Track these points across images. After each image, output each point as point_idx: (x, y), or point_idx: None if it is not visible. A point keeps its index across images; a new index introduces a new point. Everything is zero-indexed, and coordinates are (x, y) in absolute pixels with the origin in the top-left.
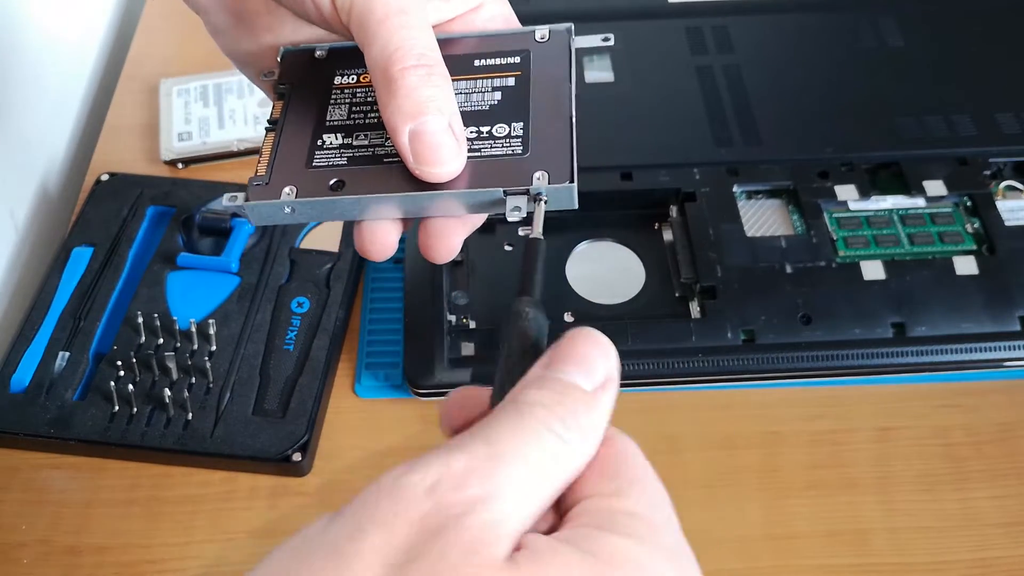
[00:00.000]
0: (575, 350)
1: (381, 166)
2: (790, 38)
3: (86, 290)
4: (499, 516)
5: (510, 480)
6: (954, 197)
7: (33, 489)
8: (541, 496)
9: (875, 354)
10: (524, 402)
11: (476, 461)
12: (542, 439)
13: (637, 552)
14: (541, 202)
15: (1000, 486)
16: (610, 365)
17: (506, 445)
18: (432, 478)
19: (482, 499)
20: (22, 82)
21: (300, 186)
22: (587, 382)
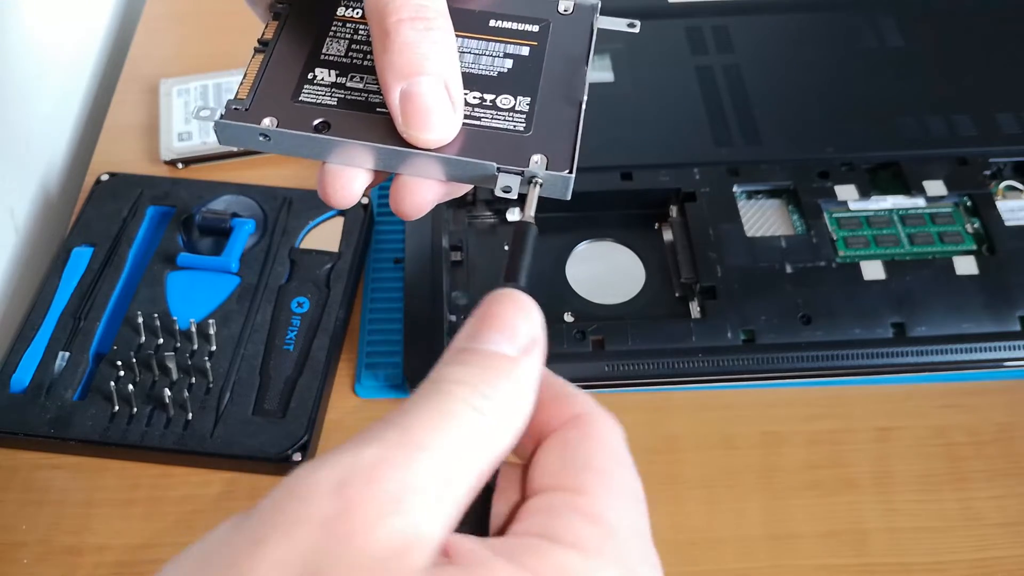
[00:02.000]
0: (495, 316)
1: (372, 115)
2: (790, 38)
3: (86, 290)
4: (417, 517)
5: (427, 470)
6: (954, 197)
7: (33, 489)
8: (467, 482)
9: (875, 354)
10: (442, 380)
11: (388, 450)
12: (462, 418)
13: (578, 568)
14: (536, 186)
15: (1000, 486)
16: (533, 326)
17: (422, 430)
18: (339, 474)
19: (396, 496)
20: (22, 82)
21: (281, 119)
22: (511, 347)
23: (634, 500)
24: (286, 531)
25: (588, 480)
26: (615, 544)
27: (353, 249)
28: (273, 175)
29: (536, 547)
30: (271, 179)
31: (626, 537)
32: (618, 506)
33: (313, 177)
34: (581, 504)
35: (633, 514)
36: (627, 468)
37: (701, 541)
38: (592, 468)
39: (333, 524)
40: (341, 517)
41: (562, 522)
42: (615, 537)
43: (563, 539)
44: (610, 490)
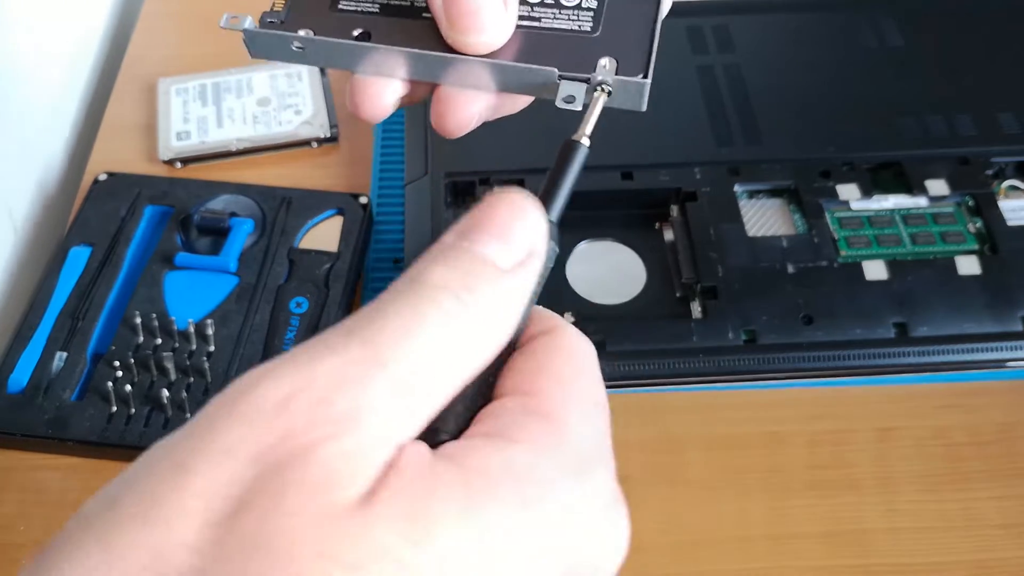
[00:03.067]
0: (493, 217)
1: (418, 21)
2: (791, 37)
3: (84, 290)
4: (363, 440)
5: (386, 388)
6: (956, 197)
7: (31, 490)
8: (431, 400)
9: (877, 354)
10: (420, 282)
11: (346, 366)
12: (434, 326)
13: (525, 461)
14: (603, 94)
15: (1002, 487)
16: (534, 237)
17: (387, 342)
18: (285, 390)
19: (344, 418)
20: (20, 81)
21: (319, 29)
22: (503, 255)
23: (592, 405)
24: (215, 458)
25: (544, 383)
26: (566, 440)
27: (352, 249)
28: (272, 175)
29: (481, 446)
30: (270, 179)
31: (579, 436)
32: (574, 408)
33: (312, 177)
34: (532, 404)
35: (591, 418)
36: (589, 377)
37: (702, 541)
38: (549, 372)
39: (268, 453)
40: (278, 445)
41: (511, 420)
42: (566, 434)
43: (510, 435)
44: (567, 393)
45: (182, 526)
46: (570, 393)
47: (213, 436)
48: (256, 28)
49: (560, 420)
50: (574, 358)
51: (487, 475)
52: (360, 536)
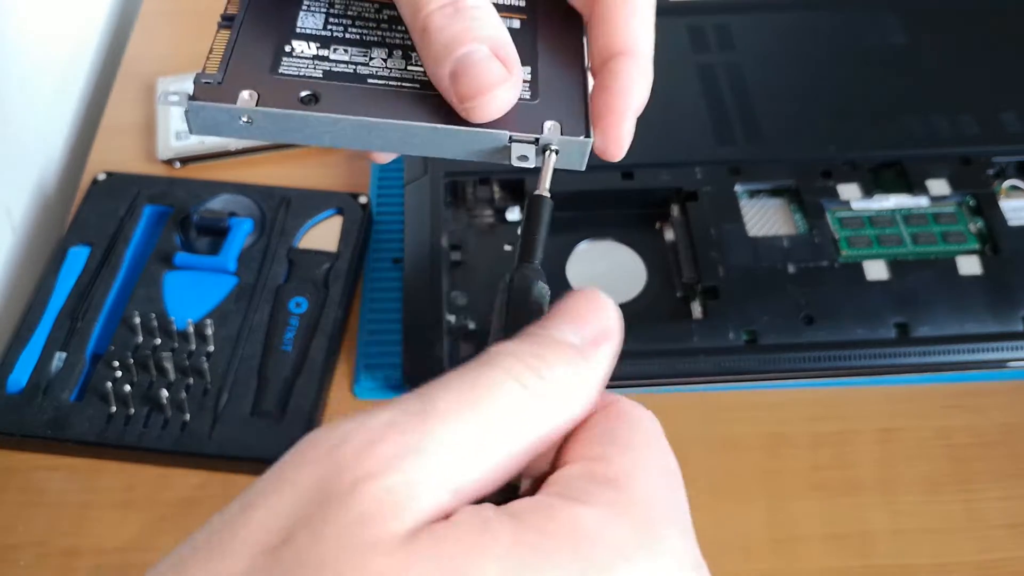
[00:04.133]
0: (565, 308)
1: (365, 87)
2: (792, 36)
3: (83, 290)
4: (409, 480)
5: (441, 436)
6: (957, 197)
7: (30, 490)
8: (493, 459)
9: (878, 354)
10: (494, 352)
11: (402, 416)
12: (502, 390)
13: (592, 523)
14: (551, 154)
15: (1004, 487)
16: (607, 320)
17: (448, 398)
18: (341, 436)
19: (393, 457)
20: (18, 80)
21: (263, 93)
22: (576, 336)
23: (661, 472)
24: (273, 494)
25: (612, 452)
26: (635, 504)
27: (352, 249)
28: (272, 174)
29: (547, 505)
30: (269, 178)
31: (650, 500)
32: (641, 473)
33: (311, 176)
34: (599, 469)
35: (661, 484)
36: (655, 445)
37: (704, 543)
38: (614, 439)
39: (319, 486)
40: (329, 479)
41: (578, 485)
42: (635, 498)
43: (580, 498)
44: (634, 458)
45: (237, 556)
46: (637, 459)
47: (276, 477)
48: (199, 103)
49: (627, 485)
50: (638, 426)
51: (546, 534)
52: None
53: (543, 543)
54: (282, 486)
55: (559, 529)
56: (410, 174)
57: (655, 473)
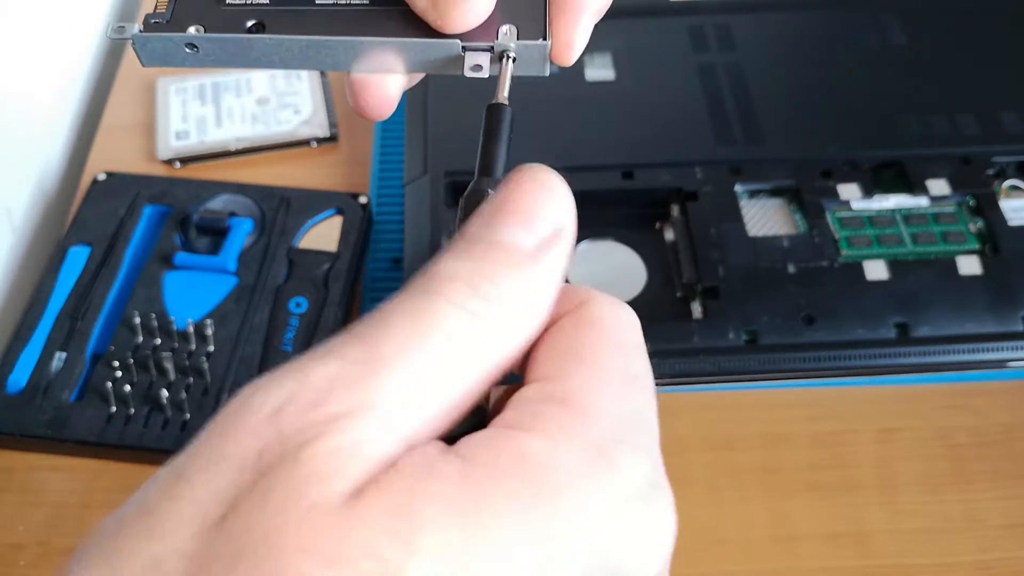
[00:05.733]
0: (516, 200)
1: (312, 8)
2: (792, 36)
3: (83, 290)
4: (355, 438)
5: (390, 385)
6: (957, 197)
7: (30, 490)
8: (446, 398)
9: (878, 354)
10: (433, 275)
11: (344, 367)
12: (449, 323)
13: (538, 452)
14: (508, 61)
15: (1004, 487)
16: (561, 213)
17: (393, 342)
18: (279, 398)
19: (336, 417)
20: (18, 80)
21: (209, 24)
22: (528, 238)
23: (623, 382)
24: (208, 468)
25: (569, 366)
26: (587, 425)
27: (352, 249)
28: (271, 174)
29: (491, 437)
30: (269, 178)
31: (603, 418)
32: (599, 389)
33: (311, 176)
34: (552, 389)
35: (619, 397)
36: (623, 350)
37: (704, 543)
38: (575, 352)
39: (261, 457)
40: (271, 448)
41: (529, 409)
42: (587, 418)
43: (524, 425)
44: (591, 372)
45: (177, 534)
46: (595, 372)
47: (210, 445)
48: (144, 34)
49: (580, 403)
50: (603, 332)
51: (492, 468)
52: (342, 532)
53: (489, 478)
54: (220, 460)
55: (505, 462)
56: (410, 174)
57: (617, 385)
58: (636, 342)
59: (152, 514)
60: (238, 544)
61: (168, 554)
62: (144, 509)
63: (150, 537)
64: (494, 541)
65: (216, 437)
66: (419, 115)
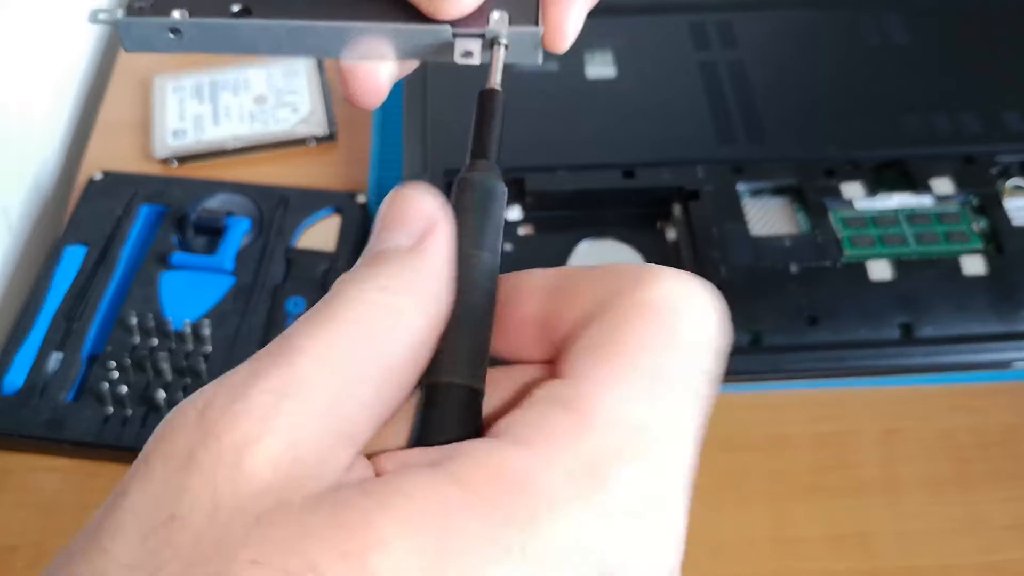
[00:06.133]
0: (388, 215)
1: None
2: (795, 34)
3: (79, 290)
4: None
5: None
6: (961, 196)
7: (27, 491)
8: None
9: (881, 355)
10: (336, 284)
11: (259, 363)
12: (356, 314)
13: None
14: (500, 47)
15: (1007, 488)
16: (427, 212)
17: (310, 337)
18: (204, 400)
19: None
20: (14, 79)
21: (194, 9)
22: (405, 238)
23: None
24: (146, 475)
25: (590, 363)
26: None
27: (350, 249)
28: (269, 173)
29: (476, 449)
30: (267, 177)
31: (607, 427)
32: (614, 392)
33: (309, 175)
34: (561, 391)
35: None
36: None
37: (705, 545)
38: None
39: (191, 462)
40: (199, 451)
41: (532, 413)
42: (588, 427)
43: (517, 435)
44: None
45: (118, 546)
46: (614, 372)
47: (145, 455)
48: (128, 18)
49: (584, 410)
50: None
51: (466, 485)
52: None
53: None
54: (153, 464)
55: (482, 478)
56: (409, 172)
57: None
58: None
59: (96, 531)
60: (185, 553)
61: (109, 566)
62: (90, 529)
63: (94, 552)
64: (459, 566)
65: (150, 446)
66: (418, 113)
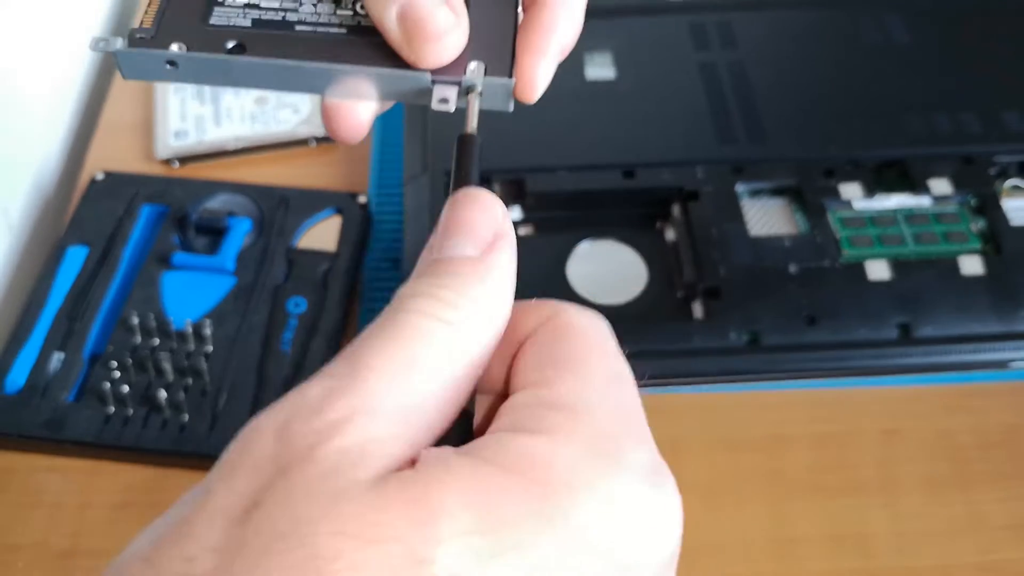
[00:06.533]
0: (452, 221)
1: (292, 33)
2: (794, 34)
3: (81, 290)
4: (365, 435)
5: (379, 391)
6: (959, 196)
7: (28, 491)
8: (435, 398)
9: (880, 355)
10: (401, 298)
11: (337, 381)
12: (423, 331)
13: (544, 451)
14: (476, 96)
15: (1006, 488)
16: (494, 219)
17: (377, 355)
18: (283, 416)
19: (339, 422)
20: (15, 79)
21: (191, 43)
22: (473, 248)
23: (606, 382)
24: (229, 478)
25: (552, 372)
26: (584, 424)
27: (351, 249)
28: (270, 174)
29: (498, 440)
30: (268, 178)
31: (599, 416)
32: (588, 391)
33: (310, 176)
34: (545, 395)
35: (610, 395)
36: (598, 352)
37: (704, 545)
38: (555, 359)
39: (273, 462)
40: (281, 454)
41: (528, 413)
42: (584, 418)
43: (526, 428)
44: (579, 377)
45: (205, 533)
46: (580, 376)
47: (228, 464)
48: (127, 49)
49: (571, 406)
50: (579, 337)
51: (502, 466)
52: (370, 516)
53: (501, 475)
54: (236, 469)
55: (514, 461)
56: (409, 173)
57: (602, 385)
58: (611, 344)
59: (183, 522)
60: (268, 532)
61: (199, 551)
62: (175, 520)
63: (183, 539)
64: (511, 533)
65: (232, 455)
66: (418, 113)
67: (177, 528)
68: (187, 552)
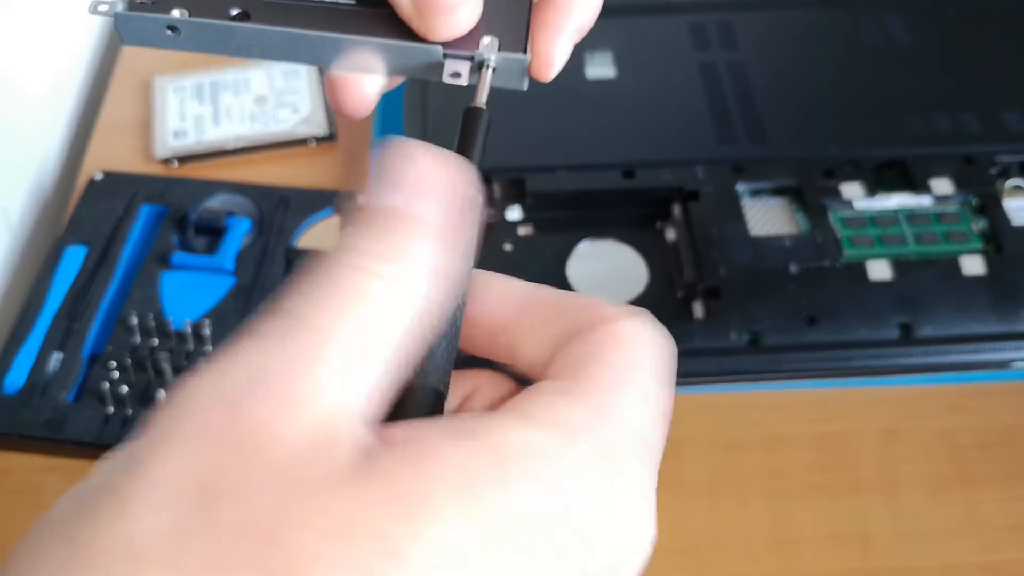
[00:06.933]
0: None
1: (298, 2)
2: (795, 34)
3: (80, 290)
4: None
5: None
6: (960, 196)
7: (27, 491)
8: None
9: (881, 355)
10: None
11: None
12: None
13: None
14: (488, 70)
15: (1007, 488)
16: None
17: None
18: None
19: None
20: (14, 79)
21: (194, 8)
22: (398, 197)
23: (639, 400)
24: (165, 450)
25: (587, 371)
26: (597, 424)
27: None
28: (270, 173)
29: (502, 424)
30: (267, 177)
31: (615, 422)
32: (615, 396)
33: (310, 175)
34: (568, 387)
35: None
36: (647, 371)
37: (704, 545)
38: (597, 362)
39: (222, 438)
40: (232, 429)
41: (544, 400)
42: (599, 418)
43: (536, 415)
44: (616, 382)
45: (151, 512)
46: (613, 381)
47: (162, 432)
48: (127, 12)
49: (593, 405)
50: (635, 349)
51: (498, 453)
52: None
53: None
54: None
55: (512, 449)
56: None
57: (630, 398)
58: (663, 369)
59: (117, 494)
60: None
61: (142, 531)
62: (105, 491)
63: (119, 516)
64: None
65: (164, 421)
66: (418, 113)
67: (109, 502)
68: (125, 531)
